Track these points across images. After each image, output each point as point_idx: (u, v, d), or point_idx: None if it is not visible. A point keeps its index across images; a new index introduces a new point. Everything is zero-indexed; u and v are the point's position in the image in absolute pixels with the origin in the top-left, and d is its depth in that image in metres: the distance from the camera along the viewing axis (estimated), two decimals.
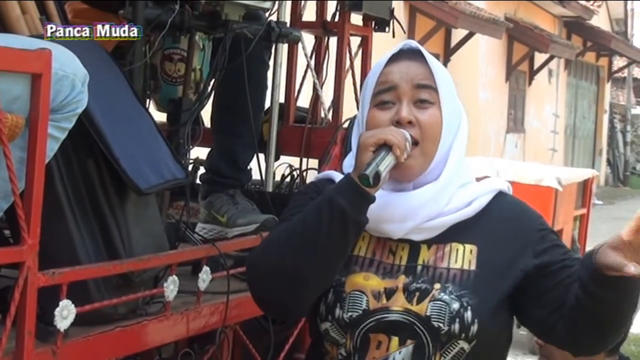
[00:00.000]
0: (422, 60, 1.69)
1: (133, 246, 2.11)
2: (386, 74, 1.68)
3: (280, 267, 1.58)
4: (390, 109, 1.66)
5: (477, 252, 1.65)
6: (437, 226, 1.66)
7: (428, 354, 1.60)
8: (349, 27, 3.11)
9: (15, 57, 1.69)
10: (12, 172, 1.69)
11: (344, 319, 1.62)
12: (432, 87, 1.66)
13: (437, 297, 1.61)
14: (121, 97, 2.22)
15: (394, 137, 1.58)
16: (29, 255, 1.73)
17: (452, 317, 1.59)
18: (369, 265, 1.66)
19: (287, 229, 1.62)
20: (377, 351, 1.61)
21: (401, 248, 1.67)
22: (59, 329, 1.86)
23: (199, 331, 2.34)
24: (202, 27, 2.59)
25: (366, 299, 1.62)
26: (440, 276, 1.63)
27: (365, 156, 1.57)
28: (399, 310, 1.61)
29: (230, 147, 2.90)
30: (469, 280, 1.63)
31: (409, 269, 1.65)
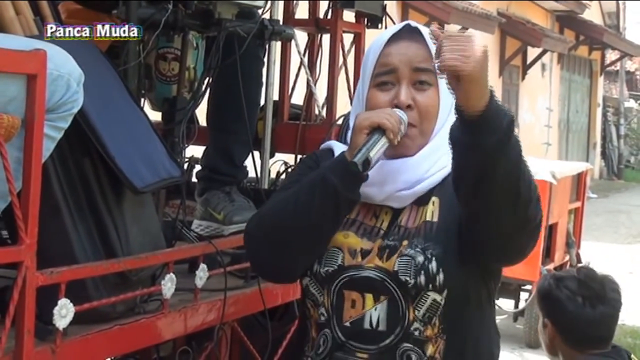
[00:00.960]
0: (421, 40, 1.71)
1: (130, 245, 2.12)
2: (386, 56, 1.71)
3: (272, 236, 1.67)
4: (390, 90, 1.70)
5: (439, 204, 1.70)
6: (412, 195, 1.71)
7: (402, 308, 1.65)
8: (342, 24, 3.12)
9: (10, 58, 1.70)
10: (9, 172, 1.69)
11: (320, 273, 1.69)
12: (430, 69, 1.69)
13: (404, 252, 1.66)
14: (116, 97, 2.23)
15: (387, 121, 1.62)
16: (27, 255, 1.74)
17: (417, 269, 1.64)
18: (350, 224, 1.72)
19: (282, 201, 1.69)
20: (352, 310, 1.67)
21: (384, 212, 1.73)
22: (58, 327, 1.87)
23: (197, 328, 2.35)
24: (195, 26, 2.60)
25: (342, 255, 1.69)
26: (408, 233, 1.69)
27: (360, 138, 1.62)
28: (370, 267, 1.67)
29: (227, 144, 2.92)
30: (432, 232, 1.68)
31: (386, 232, 1.71)
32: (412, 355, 1.65)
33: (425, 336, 1.65)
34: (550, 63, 18.93)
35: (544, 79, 18.83)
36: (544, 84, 18.83)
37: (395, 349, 1.65)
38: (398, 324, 1.65)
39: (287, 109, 3.22)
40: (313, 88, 3.17)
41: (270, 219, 1.69)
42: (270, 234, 1.68)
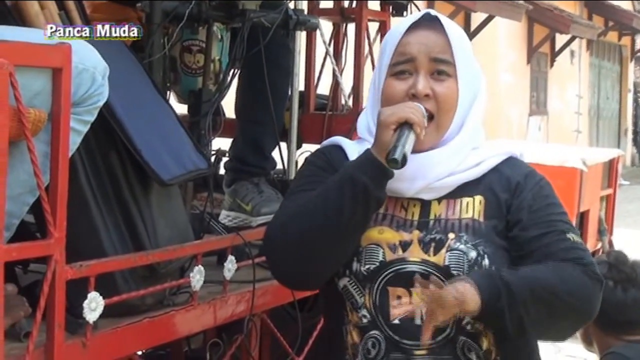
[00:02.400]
0: (440, 29, 1.68)
1: (158, 237, 2.12)
2: (404, 45, 1.67)
3: (300, 243, 1.60)
4: (407, 80, 1.66)
5: (485, 204, 1.67)
6: (446, 185, 1.67)
7: None
8: (367, 13, 3.10)
9: (36, 52, 1.70)
10: (37, 166, 1.70)
11: (361, 272, 1.63)
12: (449, 61, 1.66)
13: (453, 246, 1.62)
14: (141, 90, 2.23)
15: (414, 116, 1.59)
16: (56, 249, 1.75)
17: (470, 265, 1.60)
18: (382, 219, 1.67)
19: (307, 205, 1.62)
20: (400, 306, 1.61)
21: (413, 205, 1.68)
22: (88, 321, 1.87)
23: (226, 320, 2.35)
24: (219, 18, 2.59)
25: (382, 251, 1.64)
26: (452, 226, 1.65)
27: (387, 135, 1.57)
28: (416, 261, 1.62)
29: (255, 135, 2.91)
30: (481, 230, 1.64)
31: (421, 224, 1.66)
32: (472, 348, 1.63)
33: (476, 329, 1.63)
34: (579, 50, 18.73)
35: (573, 65, 18.64)
36: (573, 71, 18.63)
37: (454, 342, 1.62)
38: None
39: (314, 99, 3.21)
40: (339, 78, 3.16)
41: (296, 224, 1.60)
42: (298, 240, 1.60)
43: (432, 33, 1.67)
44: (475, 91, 1.70)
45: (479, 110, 1.71)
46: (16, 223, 1.83)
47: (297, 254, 1.61)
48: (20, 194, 1.80)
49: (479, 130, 1.72)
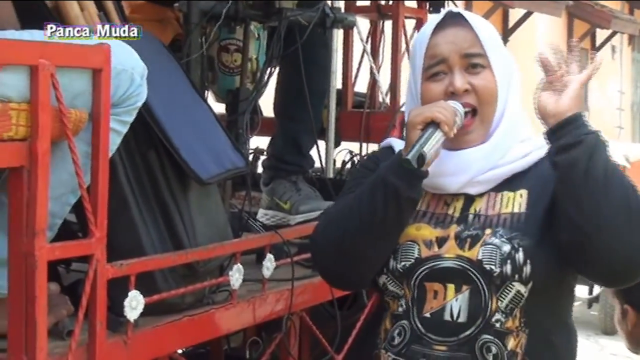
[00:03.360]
0: (466, 25, 1.67)
1: (197, 236, 2.13)
2: (433, 47, 1.67)
3: (339, 244, 1.63)
4: (443, 80, 1.66)
5: (527, 196, 1.65)
6: (491, 179, 1.66)
7: (484, 298, 1.60)
8: (403, 10, 3.09)
9: (76, 53, 1.72)
10: (78, 166, 1.71)
11: (397, 269, 1.64)
12: (480, 53, 1.66)
13: (488, 241, 1.61)
14: (179, 89, 2.24)
15: (441, 114, 1.58)
16: (97, 248, 1.76)
17: (503, 258, 1.59)
18: (421, 216, 1.67)
19: (345, 207, 1.65)
20: (434, 301, 1.62)
21: (456, 200, 1.68)
22: (129, 319, 1.89)
23: (265, 318, 2.36)
24: (256, 17, 2.60)
25: (418, 247, 1.64)
26: (490, 222, 1.64)
27: (414, 134, 1.58)
28: (451, 257, 1.62)
29: (294, 133, 2.92)
30: (520, 222, 1.63)
31: (461, 218, 1.66)
32: (492, 347, 1.60)
33: (506, 328, 1.61)
34: (621, 45, 18.46)
35: (614, 61, 18.37)
36: (615, 67, 18.37)
37: (474, 341, 1.60)
38: (480, 314, 1.60)
39: (351, 97, 3.20)
40: (376, 75, 3.15)
41: (335, 228, 1.64)
42: (337, 242, 1.63)
43: (458, 29, 1.67)
44: (509, 80, 1.69)
45: (515, 99, 1.70)
46: (59, 223, 1.85)
47: (337, 256, 1.64)
48: (62, 194, 1.82)
49: (521, 122, 1.70)
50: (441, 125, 1.57)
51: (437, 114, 1.57)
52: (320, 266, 1.73)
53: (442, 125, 1.57)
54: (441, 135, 1.58)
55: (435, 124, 1.57)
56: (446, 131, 1.58)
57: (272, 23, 2.61)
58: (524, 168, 1.67)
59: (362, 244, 1.61)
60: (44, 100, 1.62)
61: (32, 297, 1.64)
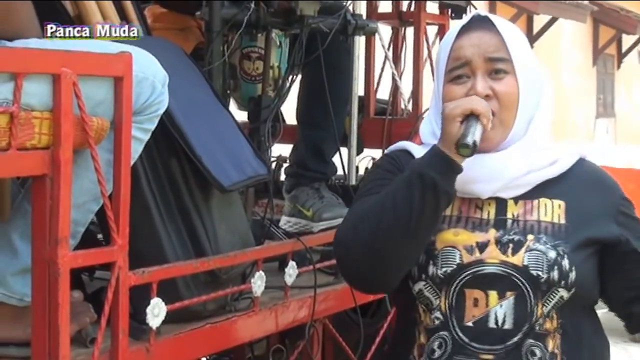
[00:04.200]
0: (493, 29, 1.65)
1: (219, 243, 2.14)
2: (458, 49, 1.66)
3: (373, 245, 1.57)
4: (466, 83, 1.64)
5: (565, 207, 1.64)
6: (525, 183, 1.65)
7: (530, 304, 1.58)
8: (425, 16, 3.08)
9: (97, 61, 1.73)
10: (100, 174, 1.72)
11: (438, 275, 1.61)
12: (505, 58, 1.64)
13: (532, 247, 1.60)
14: (201, 97, 2.25)
15: (480, 107, 1.57)
16: (119, 255, 1.77)
17: (550, 265, 1.58)
18: (456, 221, 1.65)
19: (376, 205, 1.60)
20: (475, 309, 1.59)
21: (488, 204, 1.66)
22: (151, 326, 1.89)
23: (287, 326, 2.36)
24: (278, 24, 2.61)
25: (459, 253, 1.61)
26: (531, 228, 1.62)
27: (453, 127, 1.55)
28: (494, 263, 1.59)
29: (316, 140, 2.92)
30: (561, 233, 1.62)
31: (498, 222, 1.64)
32: (536, 350, 1.59)
33: (545, 329, 1.60)
34: None
35: None
36: None
37: (521, 347, 1.59)
38: (526, 320, 1.59)
39: (374, 103, 3.20)
40: (398, 82, 3.14)
41: (368, 228, 1.58)
42: (369, 241, 1.57)
43: (484, 33, 1.65)
44: (539, 87, 1.68)
45: (545, 113, 1.69)
46: (81, 231, 1.86)
47: (369, 255, 1.59)
48: (85, 202, 1.83)
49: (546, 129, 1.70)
50: (481, 117, 1.56)
51: (476, 106, 1.56)
52: (349, 268, 1.66)
53: (481, 118, 1.56)
54: (481, 129, 1.56)
55: (474, 116, 1.56)
56: (485, 124, 1.57)
57: (293, 30, 2.61)
58: (554, 175, 1.66)
59: (396, 242, 1.56)
60: (67, 108, 1.63)
61: (55, 305, 1.65)
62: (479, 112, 1.56)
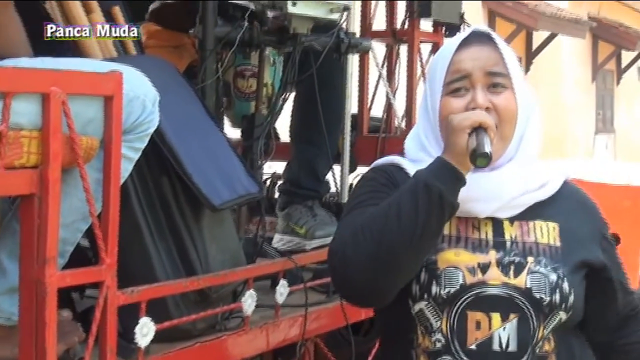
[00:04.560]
0: (492, 44, 1.67)
1: (209, 262, 2.13)
2: (457, 63, 1.66)
3: (376, 255, 1.54)
4: (464, 96, 1.64)
5: (559, 229, 1.66)
6: (522, 204, 1.66)
7: (532, 326, 1.58)
8: (419, 34, 3.08)
9: (87, 80, 1.73)
10: (89, 193, 1.72)
11: (441, 295, 1.59)
12: (504, 73, 1.65)
13: (534, 269, 1.60)
14: (193, 115, 2.25)
15: (489, 120, 1.57)
16: (107, 275, 1.76)
17: (552, 287, 1.59)
18: (456, 242, 1.64)
19: (378, 216, 1.57)
20: (477, 332, 1.58)
21: (484, 224, 1.66)
22: (140, 345, 1.89)
23: (278, 345, 2.35)
24: (271, 42, 2.61)
25: (462, 274, 1.60)
26: (530, 250, 1.63)
27: (462, 139, 1.54)
28: (497, 284, 1.59)
29: (310, 157, 2.92)
30: (558, 255, 1.63)
31: (497, 244, 1.64)
32: None
33: (544, 351, 1.60)
34: None
35: None
36: None
37: None
38: (529, 342, 1.58)
39: (367, 121, 3.20)
40: (392, 100, 3.14)
41: (369, 234, 1.54)
42: (371, 250, 1.54)
43: (484, 48, 1.66)
44: (530, 103, 1.69)
45: (535, 130, 1.69)
46: (70, 250, 1.85)
47: (371, 266, 1.55)
48: (73, 221, 1.82)
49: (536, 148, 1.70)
50: (488, 130, 1.56)
51: (485, 119, 1.56)
52: (346, 279, 1.60)
53: (489, 131, 1.56)
54: (490, 140, 1.56)
55: (482, 128, 1.56)
56: (492, 137, 1.56)
57: (286, 49, 2.61)
58: (545, 197, 1.67)
59: (400, 253, 1.54)
60: (55, 127, 1.63)
61: (43, 324, 1.64)
62: (487, 124, 1.56)
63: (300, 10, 2.50)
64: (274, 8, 2.49)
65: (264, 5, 2.50)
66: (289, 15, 2.49)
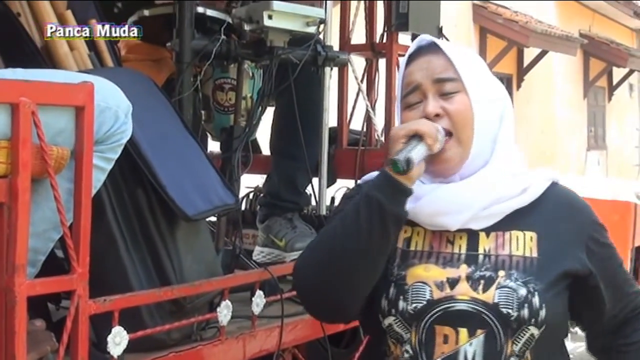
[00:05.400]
0: (439, 52, 1.67)
1: (184, 273, 2.14)
2: (409, 75, 1.68)
3: (326, 270, 1.57)
4: (418, 108, 1.66)
5: (537, 239, 1.63)
6: (495, 213, 1.64)
7: (500, 342, 1.57)
8: (397, 48, 3.10)
9: (59, 91, 1.74)
10: (60, 203, 1.73)
11: (408, 311, 1.59)
12: (453, 78, 1.65)
13: (503, 284, 1.58)
14: (169, 127, 2.27)
15: (424, 127, 1.58)
16: (79, 284, 1.77)
17: (520, 302, 1.56)
18: (427, 257, 1.63)
19: (329, 230, 1.61)
20: (445, 345, 1.57)
21: (459, 237, 1.65)
22: (113, 355, 1.89)
23: (254, 355, 2.35)
24: (248, 55, 2.63)
25: (429, 289, 1.59)
26: (503, 263, 1.61)
27: (397, 147, 1.57)
28: (464, 299, 1.58)
29: (289, 170, 2.93)
30: (533, 267, 1.60)
31: (470, 258, 1.62)
32: None
33: None
34: (639, 83, 18.43)
35: (632, 99, 18.34)
36: (633, 105, 18.33)
37: None
38: (495, 358, 1.57)
39: (346, 134, 3.22)
40: (371, 113, 3.16)
41: (320, 252, 1.59)
42: (322, 267, 1.57)
43: (431, 57, 1.67)
44: (499, 104, 1.68)
45: (508, 132, 1.68)
46: (42, 259, 1.86)
47: (322, 281, 1.58)
48: (45, 230, 1.83)
49: (514, 154, 1.68)
50: (425, 137, 1.56)
51: (420, 127, 1.57)
52: (304, 295, 1.65)
53: (425, 138, 1.56)
54: (425, 149, 1.56)
55: (418, 136, 1.57)
56: (430, 144, 1.57)
57: (263, 62, 2.63)
58: (525, 204, 1.65)
59: (348, 267, 1.55)
60: (25, 137, 1.64)
61: (12, 333, 1.64)
62: (422, 132, 1.56)
63: (277, 23, 2.52)
64: (250, 21, 2.51)
65: (241, 19, 2.52)
66: (266, 28, 2.51)
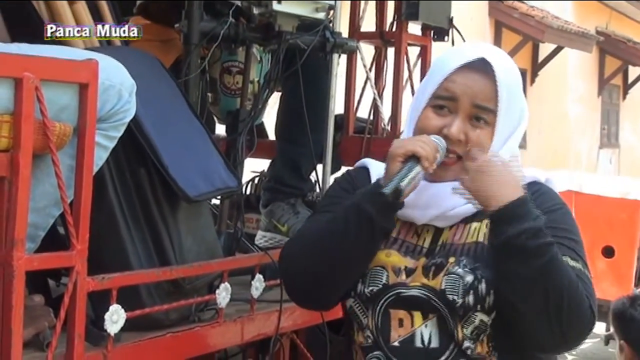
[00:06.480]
0: (491, 77, 1.63)
1: (184, 254, 2.15)
2: (451, 81, 1.65)
3: (308, 266, 1.64)
4: (445, 117, 1.65)
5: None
6: (460, 214, 1.66)
7: (450, 326, 1.60)
8: (406, 37, 3.09)
9: (63, 68, 1.75)
10: (61, 179, 1.73)
11: (365, 293, 1.64)
12: (491, 110, 1.64)
13: (451, 270, 1.61)
14: (174, 108, 2.27)
15: (423, 150, 1.58)
16: (77, 260, 1.77)
17: (465, 289, 1.59)
18: (392, 243, 1.68)
19: (318, 230, 1.66)
20: (400, 329, 1.62)
21: (426, 230, 1.69)
22: (110, 332, 1.90)
23: (252, 339, 2.36)
24: (256, 39, 2.62)
25: (386, 274, 1.64)
26: (455, 251, 1.64)
27: (394, 166, 1.59)
28: (416, 286, 1.62)
29: (293, 156, 2.93)
30: (483, 252, 1.62)
31: (430, 251, 1.66)
32: None
33: (477, 354, 1.60)
34: None
35: None
36: None
37: None
38: (450, 340, 1.60)
39: (353, 122, 3.21)
40: (378, 101, 3.15)
41: (306, 250, 1.65)
42: (307, 264, 1.64)
43: (481, 77, 1.63)
44: (512, 130, 1.68)
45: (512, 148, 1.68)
46: (42, 235, 1.87)
47: (308, 278, 1.65)
48: (45, 206, 1.84)
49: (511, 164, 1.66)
50: (422, 160, 1.57)
51: (419, 149, 1.57)
52: (287, 282, 1.74)
53: (422, 161, 1.57)
54: (420, 170, 1.58)
55: (415, 158, 1.57)
56: (426, 167, 1.58)
57: (271, 46, 2.63)
58: None
59: (330, 266, 1.63)
60: (28, 112, 1.65)
61: (9, 307, 1.65)
62: (419, 154, 1.57)
63: (286, 8, 2.52)
64: (259, 5, 2.51)
65: (250, 2, 2.52)
66: (275, 12, 2.51)
